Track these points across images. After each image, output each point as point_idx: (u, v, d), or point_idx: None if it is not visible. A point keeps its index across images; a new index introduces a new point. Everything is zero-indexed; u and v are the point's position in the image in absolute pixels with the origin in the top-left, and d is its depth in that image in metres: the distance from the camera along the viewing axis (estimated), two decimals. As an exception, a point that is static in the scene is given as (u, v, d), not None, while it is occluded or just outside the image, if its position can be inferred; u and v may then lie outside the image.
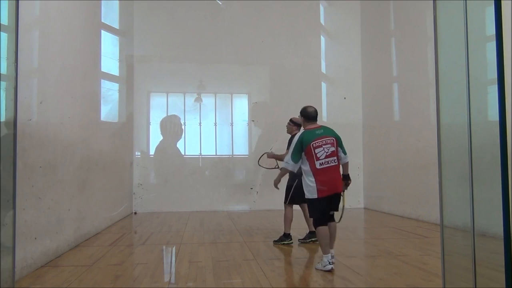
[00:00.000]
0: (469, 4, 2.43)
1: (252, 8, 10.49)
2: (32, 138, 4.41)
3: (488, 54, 2.29)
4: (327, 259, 4.30)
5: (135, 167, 9.88)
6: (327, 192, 4.37)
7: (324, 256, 4.32)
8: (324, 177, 4.37)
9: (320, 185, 4.35)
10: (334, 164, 4.45)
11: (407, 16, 8.89)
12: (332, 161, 4.44)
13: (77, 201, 5.81)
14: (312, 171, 4.40)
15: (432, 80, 6.77)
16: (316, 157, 4.39)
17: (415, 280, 3.96)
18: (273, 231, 6.51)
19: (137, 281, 4.05)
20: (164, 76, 10.33)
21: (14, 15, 2.76)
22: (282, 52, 10.52)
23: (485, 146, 2.51)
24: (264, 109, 10.53)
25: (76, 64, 6.06)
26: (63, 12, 5.49)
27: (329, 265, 4.28)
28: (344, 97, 10.74)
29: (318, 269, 4.36)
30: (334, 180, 4.45)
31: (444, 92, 2.60)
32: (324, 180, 4.37)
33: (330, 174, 4.42)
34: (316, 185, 4.36)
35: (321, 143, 4.43)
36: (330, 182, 4.39)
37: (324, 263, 4.30)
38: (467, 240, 2.42)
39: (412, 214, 8.29)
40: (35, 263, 4.41)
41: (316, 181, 4.37)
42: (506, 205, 2.14)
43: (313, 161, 4.40)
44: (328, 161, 4.41)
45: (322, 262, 4.33)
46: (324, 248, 4.35)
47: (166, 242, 6.22)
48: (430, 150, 6.84)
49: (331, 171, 4.43)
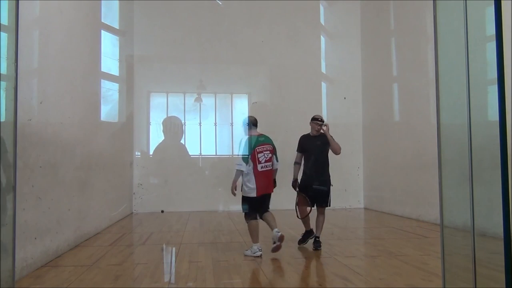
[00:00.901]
0: (469, 4, 2.43)
1: (252, 8, 10.49)
2: (32, 138, 4.41)
3: (488, 54, 2.29)
4: (257, 247, 5.00)
5: (135, 167, 9.88)
6: (262, 191, 5.10)
7: (254, 245, 5.02)
8: (262, 178, 5.10)
9: (259, 185, 5.06)
10: (270, 168, 5.21)
11: (407, 16, 8.89)
12: (269, 165, 5.20)
13: (77, 201, 5.81)
14: (254, 173, 5.09)
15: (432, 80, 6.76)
16: (258, 161, 5.11)
17: (415, 280, 3.96)
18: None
19: (137, 281, 4.05)
20: (164, 76, 10.33)
21: (14, 15, 2.76)
22: (282, 52, 10.52)
23: (485, 146, 2.50)
24: (264, 109, 10.52)
25: (76, 64, 6.06)
26: (63, 12, 5.49)
27: (259, 251, 4.96)
28: (344, 97, 10.73)
29: (247, 255, 5.02)
30: (268, 182, 5.21)
31: (444, 92, 2.60)
32: (262, 181, 5.09)
33: (267, 176, 5.18)
34: (256, 185, 5.06)
35: (263, 149, 5.18)
36: (266, 183, 5.14)
37: (254, 250, 5.00)
38: (467, 240, 2.42)
39: (412, 214, 8.29)
40: (35, 263, 4.41)
41: (256, 182, 5.05)
42: (506, 205, 2.14)
43: (256, 165, 5.09)
44: (266, 165, 5.17)
45: (252, 249, 5.01)
46: (254, 238, 5.05)
47: (166, 242, 6.22)
48: (430, 150, 6.83)
49: (268, 174, 5.20)
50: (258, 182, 5.08)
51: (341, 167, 10.34)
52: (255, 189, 5.07)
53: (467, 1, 2.43)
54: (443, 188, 2.59)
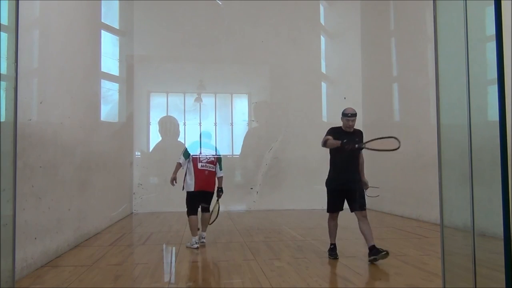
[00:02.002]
0: (469, 4, 2.43)
1: (252, 8, 10.49)
2: (32, 138, 4.41)
3: (488, 54, 2.29)
4: (195, 240, 5.57)
5: (135, 167, 9.88)
6: (199, 188, 5.68)
7: (192, 238, 5.60)
8: (201, 176, 5.71)
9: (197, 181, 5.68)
10: (211, 169, 5.80)
11: (407, 16, 8.89)
12: (211, 167, 5.80)
13: (77, 201, 5.81)
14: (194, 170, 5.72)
15: (432, 80, 6.77)
16: (199, 160, 5.77)
17: (415, 280, 3.96)
18: (273, 231, 6.51)
19: (137, 281, 4.05)
20: (164, 76, 10.33)
21: (14, 15, 2.76)
22: (282, 52, 10.52)
23: (485, 146, 2.50)
24: (264, 109, 10.53)
25: (76, 64, 6.06)
26: (63, 12, 5.49)
27: (195, 244, 5.52)
28: (344, 97, 10.73)
29: (188, 246, 5.57)
30: (207, 181, 5.77)
31: (444, 92, 2.60)
32: (200, 178, 5.70)
33: (206, 175, 5.75)
34: (194, 181, 5.69)
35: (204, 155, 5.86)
36: (204, 181, 5.73)
37: (192, 242, 5.56)
38: (467, 240, 2.42)
39: (412, 214, 8.29)
40: (35, 263, 4.40)
41: (195, 178, 5.69)
42: (506, 205, 2.14)
43: (196, 163, 5.73)
44: (207, 165, 5.77)
45: (191, 242, 5.57)
46: (193, 231, 5.64)
47: (166, 242, 6.22)
48: (430, 150, 6.83)
49: (209, 174, 5.78)
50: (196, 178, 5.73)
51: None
52: (193, 185, 5.72)
53: (467, 1, 2.43)
54: (443, 188, 2.59)
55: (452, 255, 2.62)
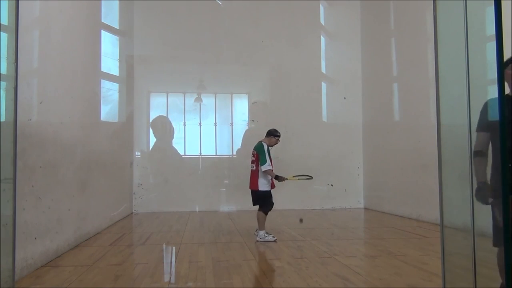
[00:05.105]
0: (469, 4, 2.42)
1: (252, 8, 10.49)
2: (32, 138, 4.41)
3: (488, 54, 2.29)
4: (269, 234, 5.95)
5: (135, 167, 9.89)
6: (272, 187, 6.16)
7: (265, 232, 5.96)
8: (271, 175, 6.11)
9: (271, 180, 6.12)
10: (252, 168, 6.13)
11: (407, 16, 8.89)
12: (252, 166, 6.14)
13: (77, 201, 5.81)
14: None
15: (432, 80, 6.77)
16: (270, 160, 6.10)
17: (415, 280, 3.96)
18: (273, 231, 6.51)
19: (137, 281, 4.05)
20: (164, 76, 10.33)
21: (14, 15, 2.76)
22: (282, 52, 10.52)
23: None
24: (264, 109, 10.53)
25: (76, 64, 6.06)
26: (63, 12, 5.49)
27: (273, 237, 5.95)
28: (344, 97, 10.74)
29: (266, 241, 5.89)
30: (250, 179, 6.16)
31: (444, 92, 2.59)
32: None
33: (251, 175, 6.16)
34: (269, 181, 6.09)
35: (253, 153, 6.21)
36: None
37: (269, 237, 5.92)
38: (467, 240, 2.42)
39: (412, 214, 8.29)
40: (35, 263, 4.41)
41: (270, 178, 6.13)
42: (506, 205, 2.14)
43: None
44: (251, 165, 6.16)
45: (269, 237, 5.93)
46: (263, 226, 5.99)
47: (166, 242, 6.22)
48: (430, 150, 6.83)
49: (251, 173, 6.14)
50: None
51: (341, 167, 10.37)
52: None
53: (467, 1, 2.43)
54: (443, 188, 2.59)
55: (452, 255, 2.61)
